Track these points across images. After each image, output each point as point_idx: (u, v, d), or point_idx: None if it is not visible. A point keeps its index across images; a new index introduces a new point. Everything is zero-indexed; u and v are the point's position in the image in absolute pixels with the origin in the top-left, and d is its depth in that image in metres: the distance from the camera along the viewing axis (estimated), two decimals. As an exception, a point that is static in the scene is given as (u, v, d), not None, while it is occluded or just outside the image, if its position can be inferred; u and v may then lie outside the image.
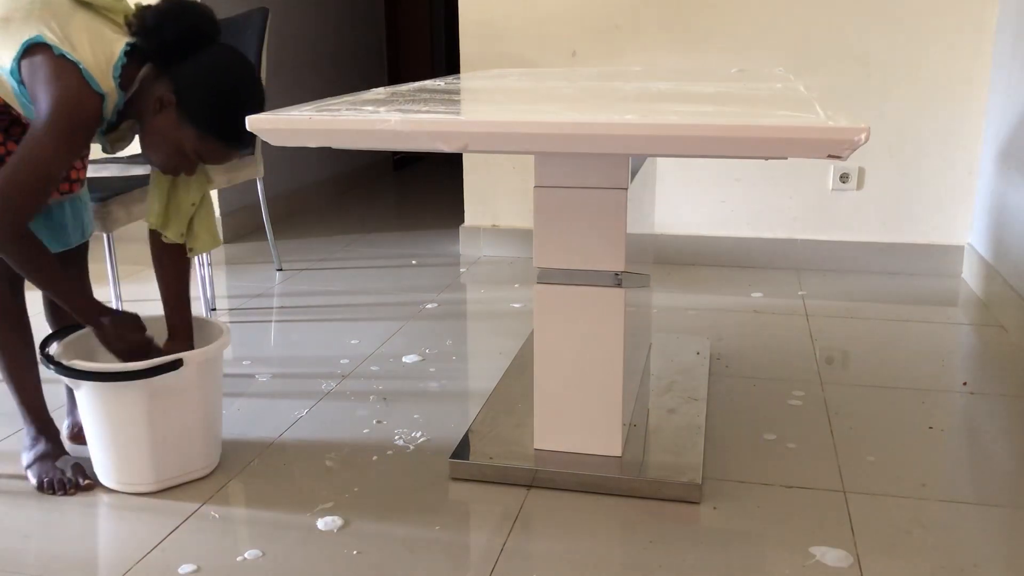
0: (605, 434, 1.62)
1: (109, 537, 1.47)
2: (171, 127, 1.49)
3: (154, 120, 1.49)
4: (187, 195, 1.65)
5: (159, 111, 1.48)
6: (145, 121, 1.51)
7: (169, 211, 1.65)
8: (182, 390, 1.57)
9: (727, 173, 3.06)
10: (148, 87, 1.49)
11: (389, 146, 1.25)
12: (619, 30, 3.01)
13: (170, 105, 1.48)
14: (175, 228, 1.66)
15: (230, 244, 3.54)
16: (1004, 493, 1.57)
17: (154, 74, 1.49)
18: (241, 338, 2.43)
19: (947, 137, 2.87)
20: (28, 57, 1.40)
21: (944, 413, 1.89)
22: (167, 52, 1.47)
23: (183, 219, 1.66)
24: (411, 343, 2.37)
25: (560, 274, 1.56)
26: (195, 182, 1.65)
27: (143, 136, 1.53)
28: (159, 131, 1.50)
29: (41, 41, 1.39)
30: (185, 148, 1.51)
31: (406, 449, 1.76)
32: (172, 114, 1.48)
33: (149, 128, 1.51)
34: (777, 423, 1.85)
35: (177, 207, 1.65)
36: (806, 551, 1.40)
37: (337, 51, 4.57)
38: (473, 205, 3.32)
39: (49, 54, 1.39)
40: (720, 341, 2.34)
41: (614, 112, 1.24)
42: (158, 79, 1.48)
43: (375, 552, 1.41)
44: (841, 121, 1.11)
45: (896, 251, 2.97)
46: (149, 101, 1.49)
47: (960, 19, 2.78)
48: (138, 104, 1.51)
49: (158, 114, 1.49)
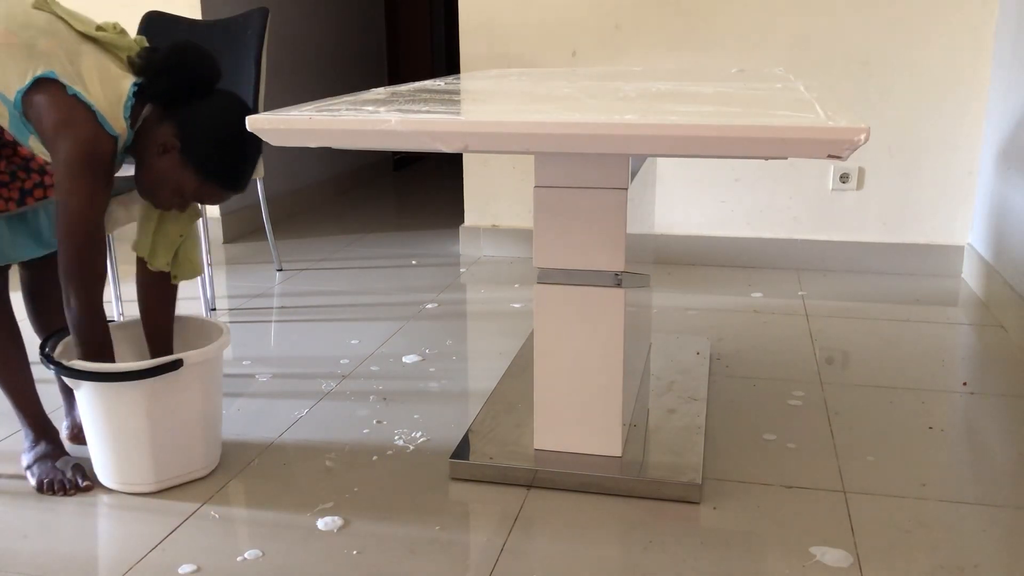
0: (605, 434, 1.62)
1: (109, 537, 1.47)
2: (172, 170, 1.51)
3: (155, 161, 1.51)
4: (175, 227, 1.67)
5: (162, 154, 1.50)
6: (145, 160, 1.53)
7: (157, 241, 1.67)
8: (182, 390, 1.57)
9: (727, 173, 3.06)
10: (150, 128, 1.51)
11: (389, 146, 1.25)
12: (619, 30, 3.01)
13: (173, 150, 1.50)
14: (162, 257, 1.68)
15: (230, 244, 3.54)
16: (1004, 493, 1.57)
17: (156, 115, 1.51)
18: (241, 338, 2.43)
19: (947, 137, 2.87)
20: (37, 91, 1.40)
21: (944, 413, 1.89)
22: (174, 96, 1.49)
23: (170, 249, 1.68)
24: (411, 343, 2.37)
25: (560, 274, 1.56)
26: (184, 215, 1.67)
27: (141, 173, 1.55)
28: (159, 172, 1.52)
29: (53, 77, 1.39)
30: (184, 190, 1.53)
31: (406, 449, 1.76)
32: (175, 158, 1.50)
33: (149, 168, 1.53)
34: (777, 423, 1.85)
35: (165, 237, 1.67)
36: (806, 551, 1.40)
37: (337, 51, 4.57)
38: (473, 205, 3.32)
39: (61, 93, 1.40)
40: (720, 341, 2.34)
41: (614, 112, 1.24)
42: (161, 121, 1.50)
43: (375, 552, 1.41)
44: (841, 121, 1.11)
45: (896, 251, 2.97)
46: (150, 142, 1.51)
47: (960, 19, 2.78)
48: (139, 142, 1.52)
49: (160, 156, 1.50)
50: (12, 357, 1.62)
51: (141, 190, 1.57)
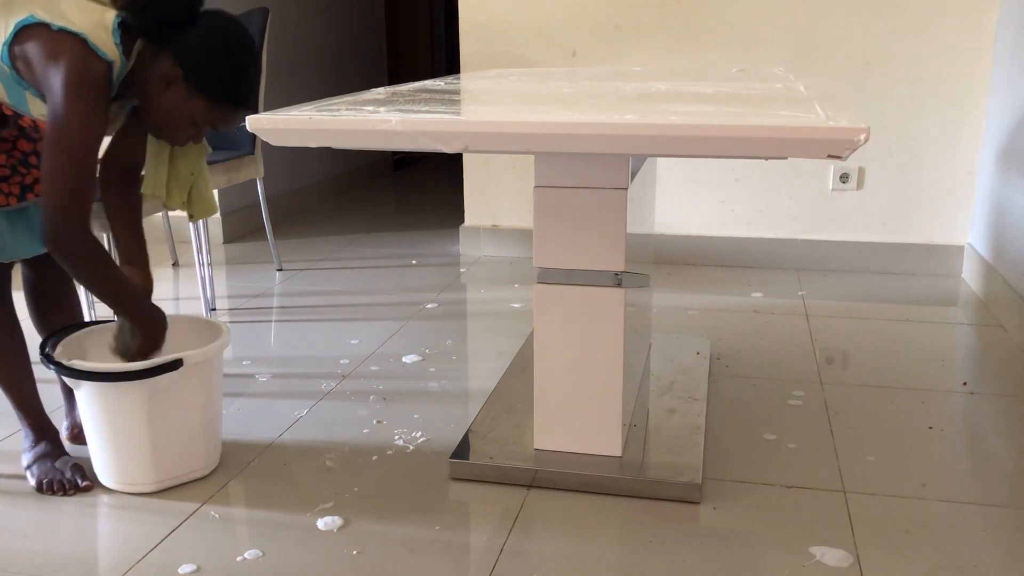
0: (605, 434, 1.62)
1: (109, 537, 1.47)
2: (180, 100, 1.49)
3: (161, 97, 1.49)
4: (186, 165, 1.68)
5: (166, 87, 1.48)
6: (150, 98, 1.51)
7: (170, 181, 1.68)
8: (182, 390, 1.57)
9: (727, 173, 3.06)
10: (147, 65, 1.48)
11: (389, 146, 1.25)
12: (619, 30, 3.01)
13: (176, 79, 1.48)
14: (176, 197, 1.70)
15: (230, 244, 3.54)
16: (1004, 493, 1.57)
17: (150, 51, 1.48)
18: (241, 338, 2.43)
19: (947, 137, 2.87)
20: (22, 39, 1.38)
21: (944, 413, 1.89)
22: (162, 28, 1.46)
23: (184, 188, 1.70)
24: (411, 343, 2.37)
25: (560, 274, 1.56)
26: (193, 152, 1.68)
27: (149, 113, 1.53)
28: (168, 105, 1.50)
29: (35, 21, 1.37)
30: (197, 119, 1.52)
31: (406, 449, 1.76)
32: (180, 88, 1.48)
33: (156, 105, 1.51)
34: (777, 423, 1.85)
35: (177, 176, 1.69)
36: (806, 551, 1.40)
37: (337, 51, 4.57)
38: (473, 205, 3.32)
39: (46, 32, 1.37)
40: (720, 341, 2.34)
41: (614, 112, 1.24)
42: (156, 56, 1.48)
43: (375, 552, 1.41)
44: (841, 121, 1.11)
45: (896, 251, 2.97)
46: (151, 79, 1.48)
47: (960, 19, 2.78)
48: (139, 82, 1.50)
49: (165, 90, 1.49)
50: (13, 357, 1.62)
51: (152, 129, 1.56)
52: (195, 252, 2.63)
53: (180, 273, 3.11)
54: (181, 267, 3.19)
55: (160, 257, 3.30)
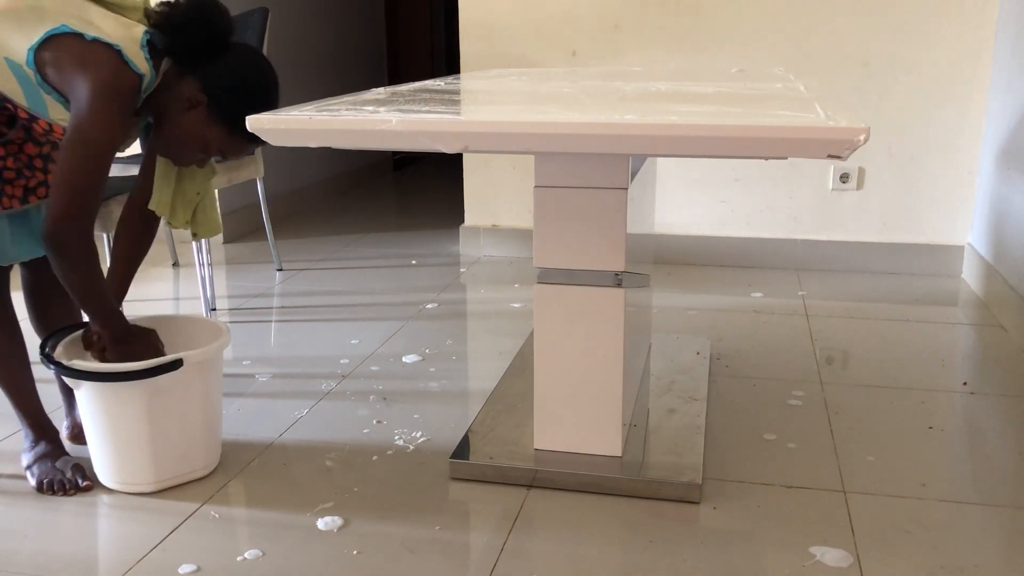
0: (605, 434, 1.62)
1: (109, 537, 1.47)
2: (198, 125, 1.52)
3: (181, 118, 1.52)
4: (192, 185, 1.70)
5: (188, 110, 1.51)
6: (169, 118, 1.53)
7: (175, 200, 1.69)
8: (182, 390, 1.57)
9: (727, 173, 3.06)
10: (171, 84, 1.51)
11: (389, 146, 1.25)
12: (619, 30, 3.01)
13: (200, 105, 1.51)
14: (181, 216, 1.71)
15: (230, 244, 3.54)
16: (1004, 493, 1.57)
17: (176, 71, 1.51)
18: (241, 338, 2.43)
19: (947, 137, 2.87)
20: (53, 47, 1.39)
21: (944, 413, 1.89)
22: (192, 53, 1.50)
23: (189, 208, 1.71)
24: (411, 343, 2.37)
25: (560, 274, 1.56)
26: (201, 173, 1.71)
27: (163, 130, 1.55)
28: (185, 128, 1.53)
29: (67, 31, 1.39)
30: (210, 145, 1.55)
31: (406, 449, 1.76)
32: (202, 113, 1.51)
33: (173, 125, 1.53)
34: (777, 423, 1.85)
35: (183, 196, 1.70)
36: (806, 551, 1.40)
37: (337, 51, 4.57)
38: (473, 205, 3.32)
39: (80, 41, 1.39)
40: (720, 341, 2.34)
41: (614, 112, 1.24)
42: (182, 78, 1.51)
43: (375, 552, 1.41)
44: (841, 121, 1.11)
45: (896, 251, 2.97)
46: (172, 98, 1.51)
47: (960, 19, 2.78)
48: (160, 100, 1.52)
49: (186, 113, 1.51)
50: (12, 357, 1.62)
51: (160, 147, 1.58)
52: (195, 252, 2.63)
53: (180, 273, 3.11)
54: (181, 267, 3.19)
55: (160, 257, 3.30)
